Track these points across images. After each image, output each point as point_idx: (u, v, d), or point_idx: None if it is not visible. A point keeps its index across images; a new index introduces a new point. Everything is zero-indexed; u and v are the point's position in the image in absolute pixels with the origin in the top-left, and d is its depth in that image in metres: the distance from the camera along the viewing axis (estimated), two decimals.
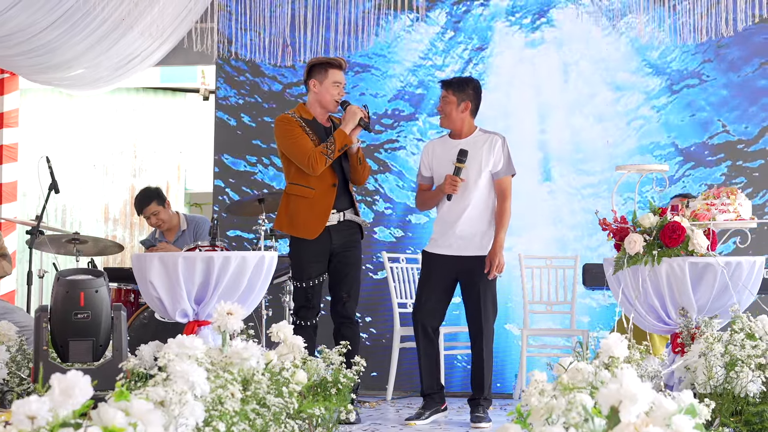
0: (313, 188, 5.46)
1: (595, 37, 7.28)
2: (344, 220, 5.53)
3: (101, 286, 4.60)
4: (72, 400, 2.23)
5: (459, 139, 5.61)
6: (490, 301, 5.51)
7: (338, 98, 5.54)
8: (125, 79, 8.16)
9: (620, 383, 2.41)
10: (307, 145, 5.42)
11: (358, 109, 5.50)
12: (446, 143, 5.65)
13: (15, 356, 4.97)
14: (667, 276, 4.48)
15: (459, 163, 5.46)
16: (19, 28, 6.81)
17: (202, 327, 4.72)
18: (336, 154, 5.42)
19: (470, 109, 5.59)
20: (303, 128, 5.48)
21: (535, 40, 7.35)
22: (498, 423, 5.32)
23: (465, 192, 5.50)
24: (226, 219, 7.40)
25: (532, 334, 6.82)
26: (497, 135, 5.62)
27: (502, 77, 7.36)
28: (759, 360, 4.08)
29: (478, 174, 5.51)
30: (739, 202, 4.60)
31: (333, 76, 5.52)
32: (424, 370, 5.59)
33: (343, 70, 5.58)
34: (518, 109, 7.34)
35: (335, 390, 4.30)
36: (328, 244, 5.48)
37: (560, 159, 7.28)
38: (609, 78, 7.27)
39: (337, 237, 5.50)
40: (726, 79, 7.15)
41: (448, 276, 5.56)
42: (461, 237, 5.52)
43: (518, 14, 7.37)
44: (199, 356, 3.36)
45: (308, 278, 5.45)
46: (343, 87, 5.59)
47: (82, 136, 9.37)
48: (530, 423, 2.69)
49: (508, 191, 5.56)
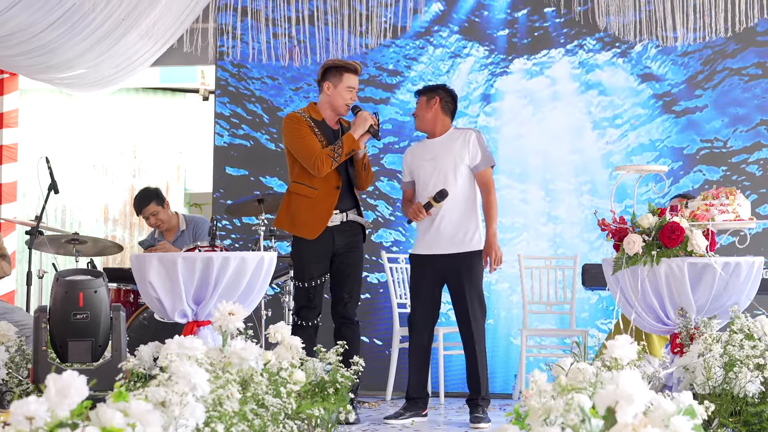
0: (317, 189, 5.45)
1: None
2: (347, 221, 5.53)
3: (100, 286, 4.61)
4: (68, 400, 2.23)
5: (434, 138, 5.66)
6: (477, 300, 5.50)
7: (350, 103, 5.55)
8: (126, 79, 8.16)
9: (617, 384, 2.41)
10: (315, 146, 5.42)
11: (369, 115, 5.50)
12: (424, 145, 5.72)
13: (14, 357, 4.97)
14: (666, 276, 4.48)
15: (434, 201, 5.49)
16: (19, 28, 6.81)
17: (201, 327, 4.72)
18: (343, 158, 5.42)
19: (440, 106, 5.63)
20: (312, 128, 5.47)
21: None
22: (497, 423, 5.32)
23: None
24: (226, 220, 7.40)
25: (531, 334, 6.82)
26: (471, 129, 5.70)
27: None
28: (757, 360, 4.08)
29: (454, 170, 5.54)
30: (738, 203, 4.60)
31: (348, 80, 5.52)
32: (412, 372, 5.62)
33: (358, 74, 5.58)
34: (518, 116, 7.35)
35: (333, 390, 4.30)
36: (330, 245, 5.48)
37: (560, 162, 7.29)
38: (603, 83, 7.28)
39: (339, 237, 5.50)
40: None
41: (435, 276, 5.58)
42: (443, 235, 5.53)
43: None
44: (199, 357, 3.36)
45: (310, 278, 5.45)
46: (357, 92, 5.59)
47: (81, 137, 9.37)
48: (528, 424, 2.69)
49: (491, 183, 5.59)
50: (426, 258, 5.58)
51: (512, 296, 7.20)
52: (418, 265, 5.64)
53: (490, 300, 7.17)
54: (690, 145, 7.18)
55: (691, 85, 7.19)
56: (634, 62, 7.26)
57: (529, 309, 6.89)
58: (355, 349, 5.16)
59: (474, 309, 5.47)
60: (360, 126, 5.47)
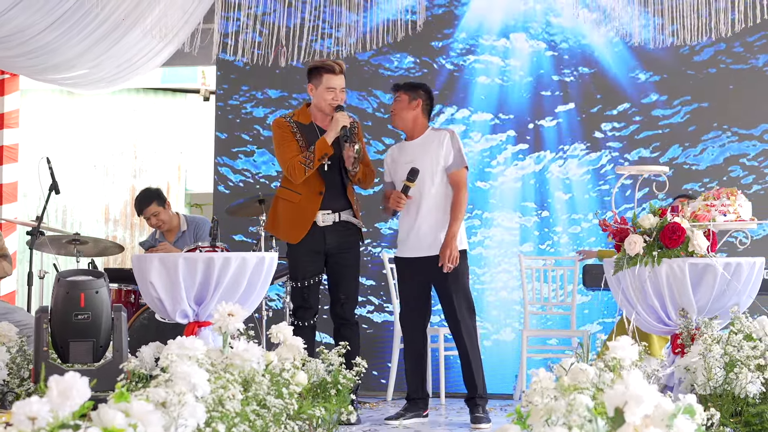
0: (300, 193, 5.45)
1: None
2: (340, 221, 5.51)
3: (102, 287, 4.61)
4: (70, 402, 2.23)
5: (412, 139, 5.66)
6: (463, 298, 5.50)
7: (333, 103, 5.45)
8: (128, 80, 8.16)
9: (626, 385, 2.42)
10: (289, 153, 5.40)
11: (343, 117, 5.39)
12: (402, 147, 5.72)
13: (15, 357, 4.97)
14: (667, 277, 4.48)
15: (408, 182, 5.47)
16: (19, 29, 6.81)
17: (202, 328, 4.73)
18: (316, 164, 5.36)
19: (422, 108, 5.62)
20: (294, 133, 5.46)
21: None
22: (498, 424, 5.32)
23: (421, 191, 5.52)
24: (226, 220, 7.40)
25: (532, 335, 6.82)
26: (446, 130, 5.68)
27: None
28: (758, 361, 4.08)
29: (432, 172, 5.54)
30: (739, 203, 4.60)
31: (327, 81, 5.45)
32: (409, 374, 5.62)
33: (337, 74, 5.46)
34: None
35: (335, 391, 4.30)
36: (321, 245, 5.47)
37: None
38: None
39: (331, 238, 5.48)
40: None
41: (419, 278, 5.58)
42: (424, 237, 5.53)
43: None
44: (200, 357, 3.36)
45: (302, 278, 5.46)
46: (341, 91, 5.47)
47: (82, 137, 9.37)
48: (530, 424, 2.69)
49: (462, 183, 5.55)
50: (408, 261, 5.60)
51: (511, 295, 7.19)
52: (402, 267, 5.67)
53: (490, 300, 7.19)
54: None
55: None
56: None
57: (529, 309, 6.90)
58: (355, 349, 5.15)
59: (461, 307, 5.47)
60: (332, 129, 5.37)
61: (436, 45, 7.43)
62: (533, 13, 7.36)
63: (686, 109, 7.16)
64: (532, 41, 7.33)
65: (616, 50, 7.23)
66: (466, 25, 7.42)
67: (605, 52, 7.26)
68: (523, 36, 7.34)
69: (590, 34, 7.25)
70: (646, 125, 7.19)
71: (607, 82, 7.25)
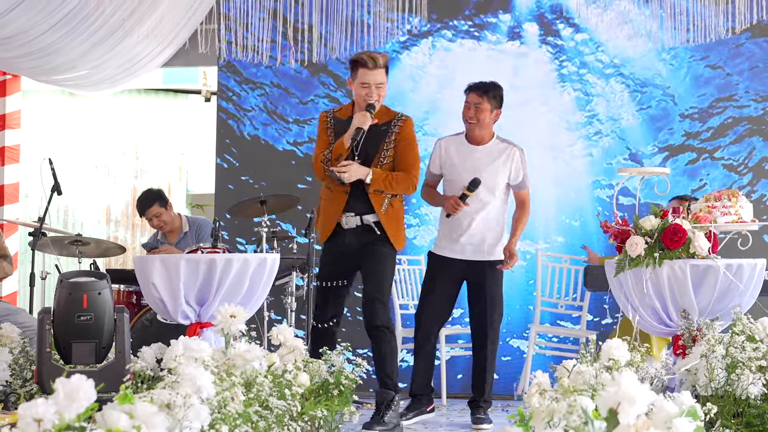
0: (331, 191, 5.23)
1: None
2: (362, 224, 5.18)
3: (104, 288, 4.61)
4: (76, 404, 2.24)
5: (478, 145, 5.60)
6: (498, 305, 5.57)
7: (367, 99, 5.09)
8: (130, 81, 8.17)
9: (618, 385, 2.42)
10: (318, 148, 5.25)
11: (363, 119, 5.06)
12: (462, 145, 5.63)
13: (18, 358, 4.98)
14: (669, 278, 4.49)
15: (468, 191, 5.45)
16: (20, 30, 6.83)
17: (204, 329, 4.74)
18: (333, 163, 5.09)
19: (497, 117, 5.62)
20: (328, 128, 5.26)
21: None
22: (499, 424, 5.33)
23: (481, 199, 5.52)
24: (228, 222, 7.41)
25: (540, 331, 6.83)
26: (515, 147, 5.63)
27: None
28: (760, 362, 4.09)
29: (495, 184, 5.55)
30: (740, 205, 4.61)
31: (361, 76, 5.09)
32: (418, 371, 5.60)
33: (371, 69, 5.06)
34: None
35: (337, 392, 4.31)
36: (342, 247, 5.19)
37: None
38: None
39: (353, 241, 5.18)
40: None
41: (454, 279, 5.59)
42: (471, 242, 5.55)
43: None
44: (206, 359, 3.37)
45: (322, 278, 5.24)
46: (376, 87, 5.08)
47: (84, 138, 9.38)
48: (532, 426, 2.70)
49: (528, 202, 5.72)
50: (449, 260, 5.60)
51: (518, 296, 7.19)
52: (441, 265, 5.62)
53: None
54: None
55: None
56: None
57: (541, 307, 6.90)
58: (381, 358, 4.97)
59: (494, 313, 5.54)
60: (350, 130, 5.08)
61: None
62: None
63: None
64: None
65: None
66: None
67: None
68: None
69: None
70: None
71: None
